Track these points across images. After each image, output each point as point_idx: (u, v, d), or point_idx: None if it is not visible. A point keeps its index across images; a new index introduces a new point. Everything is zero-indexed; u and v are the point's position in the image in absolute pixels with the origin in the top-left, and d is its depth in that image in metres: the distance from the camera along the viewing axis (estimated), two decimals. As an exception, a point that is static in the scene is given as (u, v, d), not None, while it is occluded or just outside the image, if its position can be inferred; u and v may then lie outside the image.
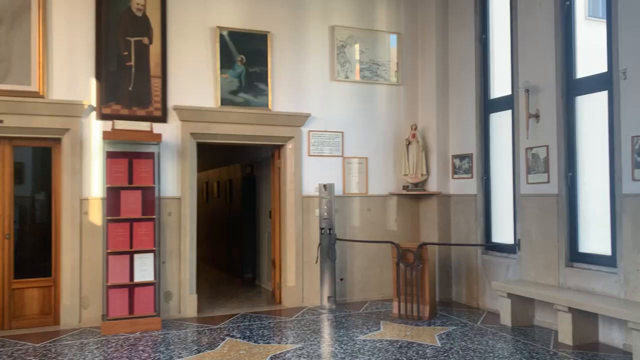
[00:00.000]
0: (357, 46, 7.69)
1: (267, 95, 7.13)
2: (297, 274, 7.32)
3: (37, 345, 5.54)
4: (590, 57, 5.87)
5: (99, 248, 6.29)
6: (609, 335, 5.43)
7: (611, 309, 5.04)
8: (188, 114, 6.73)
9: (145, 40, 6.57)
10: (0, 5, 6.02)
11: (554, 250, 6.07)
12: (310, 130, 7.41)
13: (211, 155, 10.61)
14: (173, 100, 6.69)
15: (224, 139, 7.07)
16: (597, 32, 5.73)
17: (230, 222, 10.34)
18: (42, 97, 6.15)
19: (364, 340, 5.62)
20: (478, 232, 7.27)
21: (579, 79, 5.97)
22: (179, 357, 5.08)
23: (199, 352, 5.27)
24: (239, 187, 9.98)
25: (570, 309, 5.42)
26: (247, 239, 9.60)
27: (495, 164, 7.20)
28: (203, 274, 8.89)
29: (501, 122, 7.07)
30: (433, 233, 7.73)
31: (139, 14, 6.56)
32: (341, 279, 7.52)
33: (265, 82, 7.13)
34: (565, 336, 5.48)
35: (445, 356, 5.08)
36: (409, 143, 7.79)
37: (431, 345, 5.44)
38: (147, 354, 5.21)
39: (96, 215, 6.33)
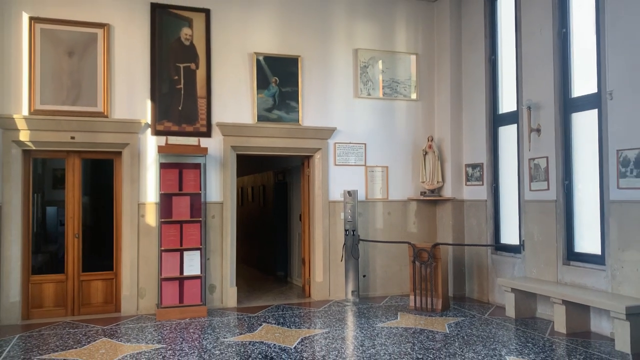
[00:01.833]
0: (378, 66, 8.55)
1: (297, 111, 8.05)
2: (325, 270, 8.20)
3: (105, 327, 6.56)
4: (588, 77, 6.58)
5: (153, 246, 7.30)
6: (599, 325, 6.15)
7: (597, 301, 5.78)
8: (229, 130, 7.70)
9: (193, 65, 7.56)
10: (72, 39, 7.10)
11: (553, 250, 6.81)
12: (336, 142, 8.30)
13: (247, 163, 11.56)
14: (216, 118, 7.67)
15: (260, 150, 8.02)
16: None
17: (264, 224, 11.30)
18: (106, 116, 7.20)
19: (382, 327, 6.47)
20: (488, 233, 8.04)
21: (574, 97, 6.71)
22: (224, 338, 6.02)
23: (240, 334, 6.21)
24: (271, 192, 10.92)
25: (564, 302, 6.16)
26: (279, 240, 10.54)
27: (503, 173, 7.96)
28: (239, 272, 9.77)
29: (508, 134, 7.83)
30: (448, 234, 8.52)
31: (187, 43, 7.56)
32: (364, 276, 8.37)
33: (296, 100, 8.05)
34: (560, 325, 6.23)
35: (452, 340, 5.89)
36: (425, 153, 8.60)
37: (440, 332, 6.26)
38: (197, 335, 6.17)
39: (151, 217, 7.35)
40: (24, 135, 6.89)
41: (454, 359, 5.21)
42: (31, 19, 6.94)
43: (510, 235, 7.77)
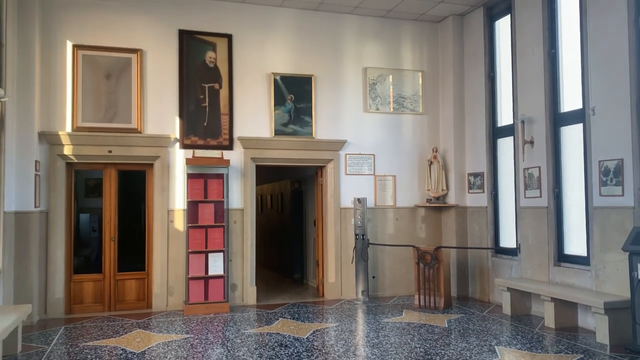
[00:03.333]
0: (386, 83, 9.25)
1: (311, 125, 8.80)
2: (337, 272, 8.90)
3: (139, 320, 7.35)
4: (574, 94, 7.20)
5: (181, 248, 8.09)
6: (585, 320, 6.74)
7: (580, 297, 6.38)
8: (249, 143, 8.47)
9: (216, 85, 8.38)
10: (110, 64, 7.96)
11: (545, 253, 7.42)
12: (347, 154, 9.01)
13: (265, 172, 12.33)
14: (237, 132, 8.46)
15: (277, 161, 8.78)
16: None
17: (281, 229, 12.04)
18: (139, 132, 8.04)
19: (386, 322, 7.15)
20: (488, 237, 8.66)
21: (563, 112, 7.33)
22: (245, 330, 6.76)
23: (259, 326, 6.94)
24: (288, 200, 11.66)
25: (553, 299, 6.77)
26: (295, 244, 11.26)
27: (501, 181, 8.58)
28: (259, 274, 10.53)
29: (506, 146, 8.46)
30: (452, 239, 9.15)
31: (211, 65, 8.38)
32: (373, 277, 9.05)
33: (310, 115, 8.80)
34: (550, 321, 6.83)
35: (449, 332, 6.55)
36: (430, 163, 9.26)
37: (439, 326, 6.91)
38: (220, 328, 6.92)
39: (179, 223, 8.15)
40: (67, 150, 7.74)
41: (448, 348, 5.86)
42: (74, 46, 7.82)
43: (508, 239, 8.38)
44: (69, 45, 7.82)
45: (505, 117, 8.53)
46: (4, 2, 6.74)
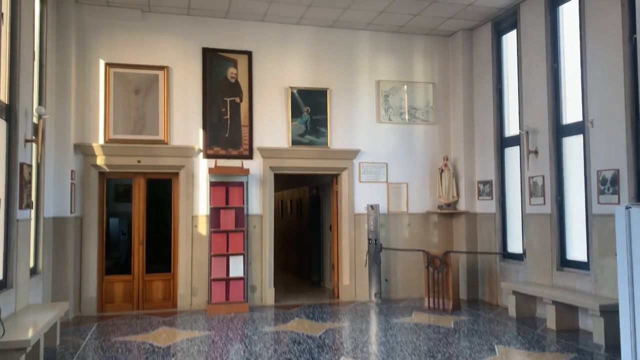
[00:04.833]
0: (398, 95, 9.69)
1: (326, 136, 9.28)
2: (351, 275, 9.35)
3: (165, 318, 7.92)
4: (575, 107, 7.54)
5: (204, 252, 8.65)
6: (585, 323, 7.06)
7: (578, 300, 6.72)
8: (268, 153, 9.00)
9: (237, 99, 8.93)
10: (139, 80, 8.59)
11: (548, 258, 7.75)
12: (360, 162, 9.47)
13: (286, 179, 12.84)
14: (257, 143, 9.00)
15: (294, 170, 9.29)
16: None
17: (301, 234, 12.53)
18: (166, 143, 8.63)
19: (395, 322, 7.58)
20: (497, 243, 9.01)
21: (565, 124, 7.67)
22: (262, 328, 7.27)
23: (276, 325, 7.44)
24: (307, 205, 12.15)
25: (554, 302, 7.11)
26: (313, 248, 11.74)
27: (509, 189, 8.93)
28: (279, 277, 11.04)
29: (513, 155, 8.81)
30: (462, 244, 9.52)
31: (233, 80, 8.94)
32: (386, 280, 9.47)
33: (325, 126, 9.29)
34: (551, 323, 7.17)
35: (453, 332, 6.95)
36: (441, 171, 9.65)
37: (445, 327, 7.31)
38: (240, 326, 7.44)
39: (203, 227, 8.71)
40: (100, 160, 8.38)
41: (450, 346, 6.27)
42: (106, 64, 8.47)
43: (515, 244, 8.72)
44: (102, 64, 8.46)
45: (512, 128, 8.88)
46: (45, 27, 7.40)
